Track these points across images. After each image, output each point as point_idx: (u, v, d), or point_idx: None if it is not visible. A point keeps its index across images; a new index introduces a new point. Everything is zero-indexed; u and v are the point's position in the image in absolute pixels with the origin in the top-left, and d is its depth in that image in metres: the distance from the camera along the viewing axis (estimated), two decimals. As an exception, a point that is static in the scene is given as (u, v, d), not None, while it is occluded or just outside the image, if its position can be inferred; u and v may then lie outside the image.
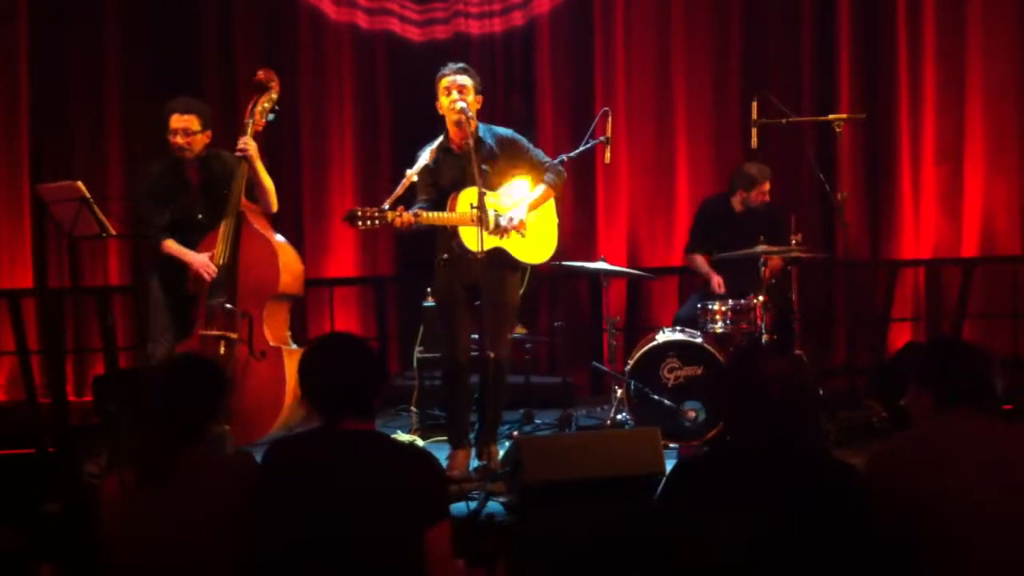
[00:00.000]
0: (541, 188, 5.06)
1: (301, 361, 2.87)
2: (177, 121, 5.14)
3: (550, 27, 7.58)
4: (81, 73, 7.36)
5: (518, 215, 4.94)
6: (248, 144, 5.13)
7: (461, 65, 5.00)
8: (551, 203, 5.15)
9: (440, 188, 5.00)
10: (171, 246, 5.20)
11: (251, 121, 5.21)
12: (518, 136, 5.15)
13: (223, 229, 5.11)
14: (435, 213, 4.87)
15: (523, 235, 5.00)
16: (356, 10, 7.53)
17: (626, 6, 7.54)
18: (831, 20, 7.52)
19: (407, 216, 4.74)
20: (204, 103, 5.30)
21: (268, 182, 5.25)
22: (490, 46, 7.59)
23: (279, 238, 5.35)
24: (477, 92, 4.98)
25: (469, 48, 7.44)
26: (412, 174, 4.96)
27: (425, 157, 5.01)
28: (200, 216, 5.25)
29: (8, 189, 7.25)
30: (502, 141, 5.07)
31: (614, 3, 7.52)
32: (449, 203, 4.91)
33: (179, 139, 5.13)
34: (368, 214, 4.71)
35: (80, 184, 5.28)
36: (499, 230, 4.88)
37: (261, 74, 5.31)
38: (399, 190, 4.87)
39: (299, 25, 7.47)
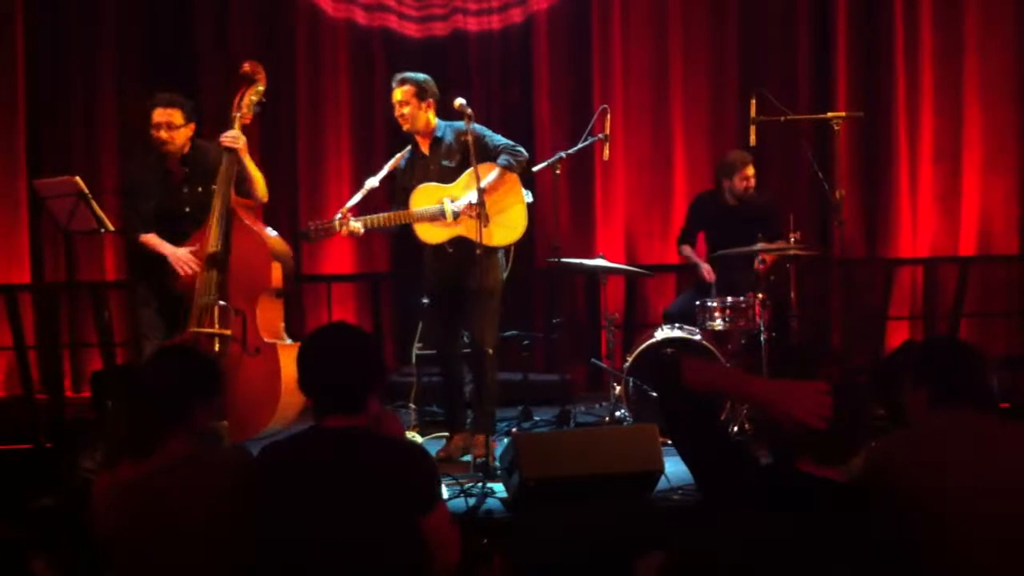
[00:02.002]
0: (495, 172, 5.10)
1: (299, 352, 2.86)
2: (160, 115, 5.09)
3: (548, 24, 7.57)
4: (77, 68, 7.33)
5: (467, 200, 5.04)
6: (238, 137, 5.09)
7: (400, 76, 5.23)
8: (515, 185, 5.18)
9: (406, 190, 5.20)
10: (149, 240, 5.14)
11: (238, 114, 5.16)
12: (475, 125, 5.18)
13: (213, 226, 5.04)
14: (382, 216, 5.14)
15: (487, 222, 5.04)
16: (354, 6, 7.51)
17: (624, 3, 7.54)
18: (829, 18, 7.53)
19: (352, 226, 5.06)
20: (186, 97, 5.24)
21: (257, 173, 5.22)
22: (488, 43, 7.58)
23: (270, 232, 5.31)
24: (422, 97, 5.16)
25: (467, 45, 7.45)
26: (372, 182, 5.22)
27: (392, 163, 5.29)
28: (187, 209, 5.19)
29: (5, 184, 7.23)
30: (460, 135, 5.15)
31: (612, 0, 7.52)
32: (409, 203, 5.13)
33: (162, 133, 5.08)
34: (319, 227, 5.10)
35: (78, 179, 5.25)
36: (456, 217, 5.05)
37: (247, 66, 5.26)
38: (357, 197, 5.16)
39: (296, 22, 7.45)
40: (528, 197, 5.24)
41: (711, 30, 7.59)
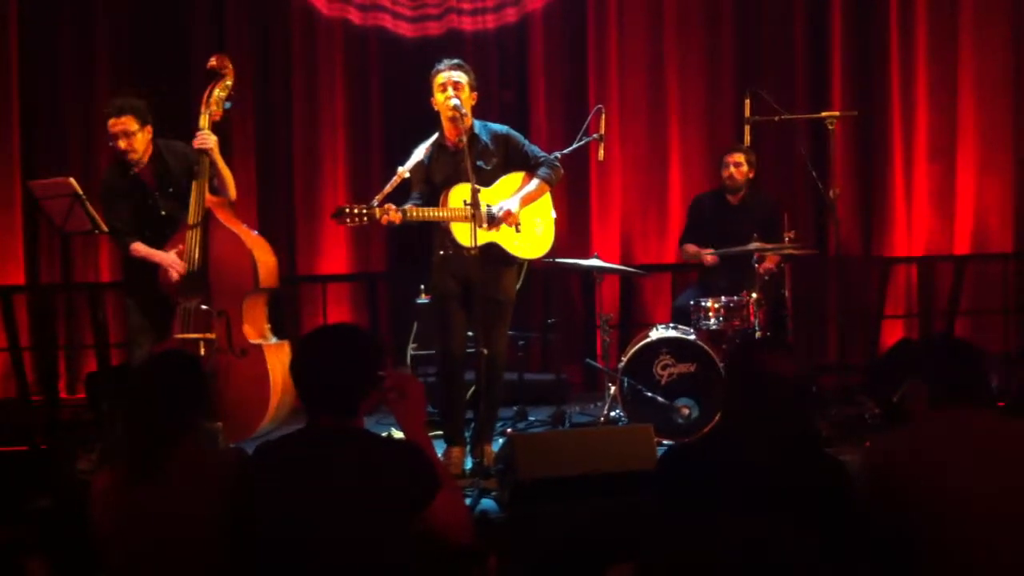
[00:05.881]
0: (535, 182, 5.04)
1: (294, 351, 2.86)
2: (114, 125, 4.99)
3: (543, 24, 7.58)
4: (72, 69, 7.31)
5: (508, 206, 4.93)
6: (208, 136, 5.01)
7: (456, 61, 4.99)
8: (547, 198, 5.13)
9: (433, 185, 5.00)
10: (139, 249, 5.10)
11: (207, 111, 5.07)
12: (513, 132, 5.14)
13: (190, 228, 4.99)
14: (424, 209, 4.86)
15: (518, 230, 4.99)
16: (349, 6, 7.50)
17: (619, 3, 7.55)
18: (824, 17, 7.55)
19: (394, 213, 4.75)
20: (136, 98, 5.11)
21: (227, 172, 5.15)
22: (483, 43, 7.57)
23: (250, 231, 5.26)
24: (472, 88, 4.97)
25: (462, 45, 7.43)
26: (403, 171, 4.94)
27: (419, 153, 5.00)
28: (163, 212, 5.14)
29: (-1, 185, 7.22)
30: (497, 137, 5.06)
31: (607, 1, 7.53)
32: (441, 199, 4.90)
33: (121, 143, 4.99)
34: (356, 211, 4.74)
35: (72, 180, 5.23)
36: (490, 222, 4.87)
37: (214, 61, 5.16)
38: (389, 187, 4.87)
39: (291, 21, 7.44)
40: (552, 213, 5.17)
41: (706, 30, 7.60)
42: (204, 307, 4.99)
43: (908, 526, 2.55)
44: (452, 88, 4.89)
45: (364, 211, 4.74)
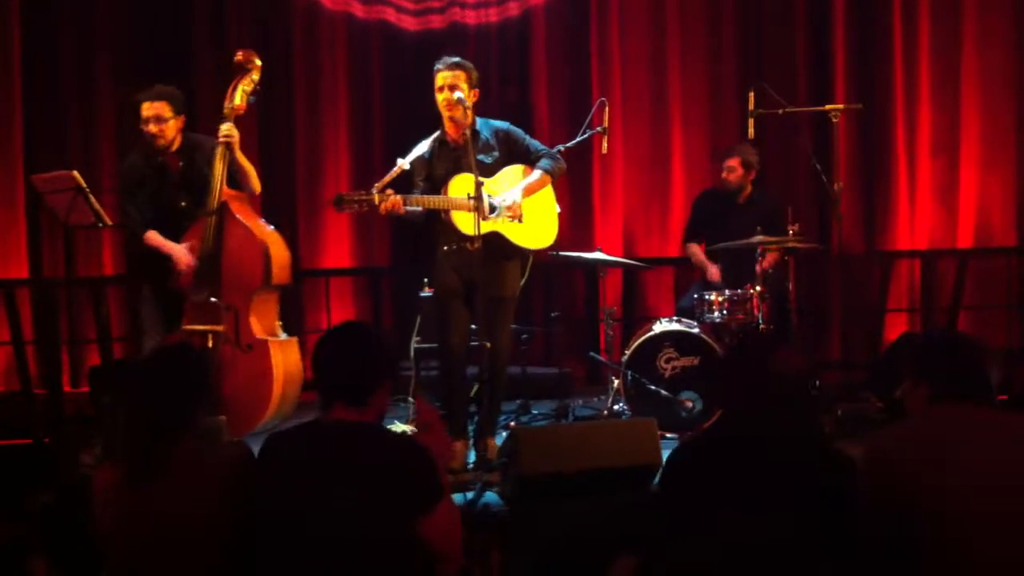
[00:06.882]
0: (537, 173, 5.04)
1: (315, 346, 2.89)
2: (148, 109, 5.02)
3: (546, 18, 7.57)
4: (74, 65, 7.30)
5: (511, 196, 4.93)
6: (231, 131, 5.03)
7: (454, 60, 4.98)
8: (549, 190, 5.12)
9: (434, 181, 5.00)
10: (153, 238, 5.10)
11: (231, 106, 5.10)
12: (514, 127, 5.14)
13: (206, 221, 5.00)
14: (426, 196, 4.86)
15: (520, 220, 4.98)
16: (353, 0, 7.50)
17: (621, -2, 7.55)
18: (826, 11, 7.53)
19: (395, 199, 4.74)
20: (174, 88, 5.16)
21: (249, 166, 5.15)
22: (486, 37, 7.56)
23: (265, 226, 5.24)
24: (473, 85, 4.96)
25: (465, 39, 7.43)
26: (403, 163, 4.95)
27: (421, 148, 5.01)
28: (183, 204, 5.14)
29: (2, 179, 7.21)
30: (498, 133, 5.07)
31: (609, -6, 7.53)
32: (442, 191, 4.90)
33: (152, 127, 5.02)
34: (356, 197, 4.75)
35: (75, 174, 5.22)
36: (495, 211, 4.87)
37: (240, 55, 5.18)
38: (388, 177, 4.87)
39: (293, 15, 7.43)
40: (556, 206, 5.17)
41: (709, 23, 7.59)
42: (213, 299, 5.00)
43: (907, 524, 2.54)
44: (448, 90, 4.89)
45: (364, 198, 4.75)
